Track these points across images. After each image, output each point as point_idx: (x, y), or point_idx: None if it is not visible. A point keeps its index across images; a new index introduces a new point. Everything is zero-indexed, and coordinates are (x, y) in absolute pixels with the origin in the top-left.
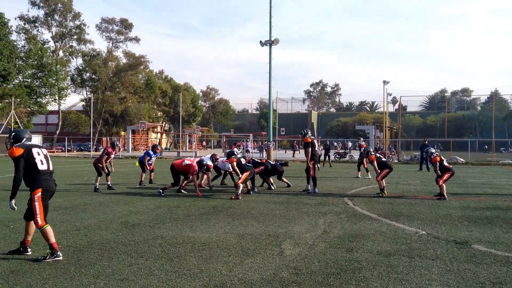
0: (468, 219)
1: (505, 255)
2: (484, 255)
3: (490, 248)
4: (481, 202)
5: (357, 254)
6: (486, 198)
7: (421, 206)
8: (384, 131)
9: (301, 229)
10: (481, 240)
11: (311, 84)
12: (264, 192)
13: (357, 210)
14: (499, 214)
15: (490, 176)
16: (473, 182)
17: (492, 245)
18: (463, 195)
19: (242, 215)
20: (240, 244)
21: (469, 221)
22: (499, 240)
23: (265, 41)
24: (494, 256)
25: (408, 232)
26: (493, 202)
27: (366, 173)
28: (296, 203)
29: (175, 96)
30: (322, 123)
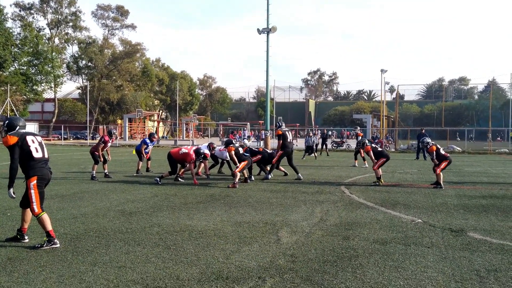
0: (464, 207)
1: (500, 243)
2: (479, 243)
3: (485, 236)
4: (477, 190)
5: (354, 242)
6: (482, 187)
7: (417, 195)
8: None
9: (298, 217)
10: (477, 228)
11: (308, 73)
12: (261, 180)
13: (354, 198)
14: (494, 203)
15: (486, 165)
16: (469, 171)
17: (487, 233)
18: (459, 183)
19: (239, 203)
20: (237, 232)
21: (465, 209)
22: (494, 228)
23: (263, 29)
24: (489, 244)
25: (404, 220)
26: (489, 191)
27: (363, 162)
28: (293, 192)
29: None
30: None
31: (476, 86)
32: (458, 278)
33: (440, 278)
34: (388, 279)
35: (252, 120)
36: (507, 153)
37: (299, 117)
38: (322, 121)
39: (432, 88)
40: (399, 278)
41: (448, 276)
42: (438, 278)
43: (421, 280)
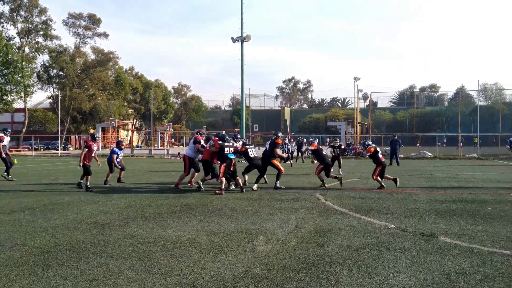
0: (435, 212)
1: (469, 246)
2: (449, 247)
3: (455, 240)
4: (448, 195)
5: (328, 248)
6: (453, 192)
7: (390, 200)
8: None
9: (274, 225)
10: (447, 232)
11: (283, 81)
12: (237, 189)
13: (329, 205)
14: (464, 207)
15: (457, 170)
16: (440, 176)
17: (457, 237)
18: (430, 188)
19: (214, 212)
20: (212, 242)
21: (436, 214)
22: (464, 232)
23: (237, 37)
24: (459, 248)
25: (378, 226)
26: (459, 195)
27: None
28: (268, 200)
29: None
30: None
31: (446, 93)
32: (429, 282)
33: (412, 283)
34: (362, 285)
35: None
36: (476, 158)
37: (274, 124)
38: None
39: (404, 95)
40: (372, 284)
41: (419, 280)
42: (410, 282)
43: (394, 285)
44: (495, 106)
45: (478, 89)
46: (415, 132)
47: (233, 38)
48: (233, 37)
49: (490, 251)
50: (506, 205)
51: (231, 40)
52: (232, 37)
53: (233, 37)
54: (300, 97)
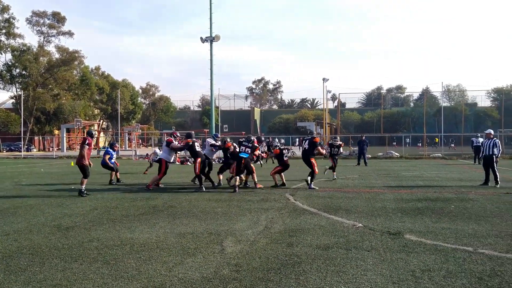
0: (401, 210)
1: (433, 244)
2: (415, 244)
3: (420, 238)
4: (413, 194)
5: (297, 248)
6: (418, 190)
7: (358, 200)
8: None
9: (243, 226)
10: (413, 230)
11: (253, 81)
12: (206, 190)
13: (298, 205)
14: (429, 205)
15: (422, 169)
16: (406, 175)
17: (422, 234)
18: (397, 187)
19: (183, 214)
20: (181, 244)
21: (402, 212)
22: (429, 229)
23: (206, 37)
24: (424, 245)
25: (346, 225)
26: (424, 194)
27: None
28: (238, 200)
29: (113, 93)
30: (265, 119)
31: (411, 94)
32: (395, 279)
33: (378, 280)
34: (330, 284)
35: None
36: (441, 157)
37: (244, 125)
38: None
39: (372, 96)
40: (340, 282)
41: (386, 278)
42: (376, 280)
43: (361, 283)
44: (458, 107)
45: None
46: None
47: (202, 38)
48: (202, 37)
49: (453, 248)
50: (468, 203)
51: (200, 40)
52: (201, 37)
53: (202, 37)
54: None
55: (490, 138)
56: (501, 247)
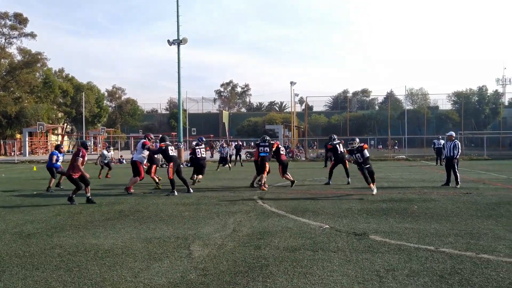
0: (367, 211)
1: (397, 244)
2: (379, 245)
3: (385, 238)
4: (379, 195)
5: (265, 251)
6: (383, 192)
7: (325, 201)
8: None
9: (211, 229)
10: (378, 231)
11: (221, 84)
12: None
13: (266, 207)
14: (393, 206)
15: (387, 171)
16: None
17: (387, 235)
18: (363, 189)
19: (150, 218)
20: (147, 249)
21: (368, 213)
22: (393, 230)
23: (173, 40)
24: (388, 245)
25: (313, 226)
26: (389, 195)
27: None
28: (206, 204)
29: (77, 96)
30: (233, 123)
31: (376, 97)
32: (361, 280)
33: (344, 281)
34: (297, 285)
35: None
36: (405, 159)
37: (213, 128)
38: (236, 132)
39: (338, 99)
40: (307, 284)
41: (351, 278)
42: (342, 281)
43: (327, 284)
44: (421, 110)
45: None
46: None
47: (169, 40)
48: (169, 40)
49: (416, 247)
50: (430, 203)
51: (168, 43)
52: (168, 40)
53: (169, 40)
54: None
55: (451, 140)
56: (460, 245)
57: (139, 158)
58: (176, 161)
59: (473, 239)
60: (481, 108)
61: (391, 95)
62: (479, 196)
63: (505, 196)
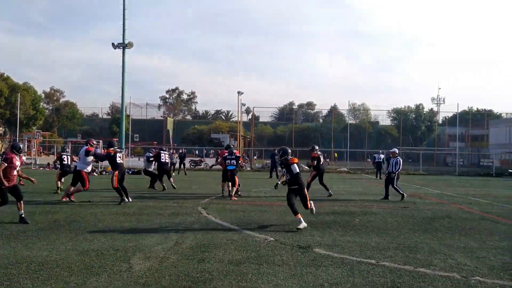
0: (311, 224)
1: (340, 257)
2: (323, 258)
3: (328, 251)
4: (322, 207)
5: (209, 264)
6: (326, 204)
7: (270, 213)
8: (238, 140)
9: (152, 241)
10: (321, 244)
11: (167, 91)
12: (113, 202)
13: (211, 219)
14: (336, 219)
15: (329, 183)
16: (315, 188)
17: (330, 248)
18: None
19: (87, 229)
20: (84, 262)
21: (311, 226)
22: (336, 243)
23: (118, 43)
24: (331, 258)
25: (258, 239)
26: (331, 207)
27: None
28: (148, 215)
29: (12, 97)
30: (178, 130)
31: (320, 110)
32: None
33: None
34: None
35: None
36: (346, 171)
37: (156, 135)
38: (180, 140)
39: (284, 111)
40: None
41: None
42: None
43: None
44: (362, 124)
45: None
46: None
47: (113, 44)
48: (114, 43)
49: (358, 261)
50: (371, 217)
51: (112, 46)
52: (113, 43)
53: (114, 43)
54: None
55: (394, 156)
56: (399, 259)
57: (82, 167)
58: (122, 169)
59: (411, 253)
60: (417, 125)
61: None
62: (416, 210)
63: (439, 211)
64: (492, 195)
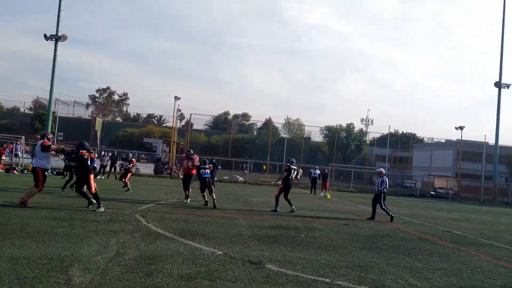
0: (257, 238)
1: (294, 274)
2: (277, 275)
3: (280, 268)
4: (265, 220)
5: (158, 279)
6: (269, 217)
7: (213, 225)
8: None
9: (90, 250)
10: (272, 260)
11: (97, 90)
12: (40, 205)
13: (151, 228)
14: (282, 233)
15: (267, 196)
16: (254, 201)
17: (282, 264)
18: (248, 213)
19: (14, 233)
20: (15, 271)
21: (259, 240)
22: (287, 259)
23: (51, 35)
24: (285, 276)
25: (206, 252)
26: (275, 221)
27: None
28: (81, 220)
29: None
30: (107, 131)
31: (255, 122)
32: None
33: None
34: None
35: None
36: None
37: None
38: (109, 142)
39: (219, 120)
40: None
41: None
42: None
43: None
44: (296, 139)
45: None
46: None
47: (46, 35)
48: (46, 34)
49: (313, 279)
50: (315, 233)
51: (44, 37)
52: (45, 34)
53: (46, 34)
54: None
55: (381, 176)
56: (353, 278)
57: (40, 163)
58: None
59: (362, 272)
60: (347, 144)
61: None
62: (356, 228)
63: (378, 229)
64: (422, 215)
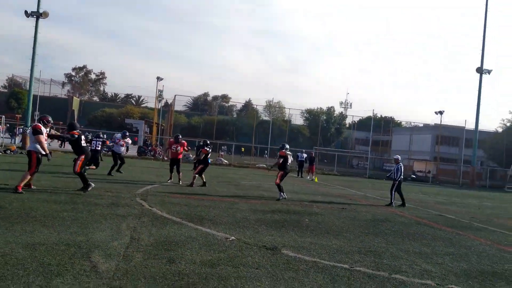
0: (264, 222)
1: (312, 260)
2: (296, 261)
3: (297, 253)
4: (264, 205)
5: (182, 265)
6: (266, 201)
7: (217, 209)
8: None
9: (104, 235)
10: (285, 245)
11: (73, 68)
12: (38, 189)
13: (157, 212)
14: (285, 218)
15: (256, 179)
16: (246, 184)
17: (297, 250)
18: (245, 197)
19: (20, 217)
20: (36, 258)
21: (266, 224)
22: (299, 244)
23: (32, 12)
24: (305, 262)
25: (219, 237)
26: (274, 205)
27: None
28: (83, 203)
29: None
30: (84, 111)
31: (235, 104)
32: None
33: None
34: None
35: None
36: (265, 167)
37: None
38: (87, 122)
39: (199, 101)
40: None
41: None
42: None
43: None
44: (277, 122)
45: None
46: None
47: (26, 11)
48: (27, 11)
49: (332, 265)
50: (318, 217)
51: (25, 14)
52: (26, 11)
53: (27, 11)
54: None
55: (397, 163)
56: (369, 264)
57: (34, 147)
58: (88, 153)
59: (377, 258)
60: (328, 127)
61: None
62: (354, 212)
63: (375, 213)
64: (411, 199)
